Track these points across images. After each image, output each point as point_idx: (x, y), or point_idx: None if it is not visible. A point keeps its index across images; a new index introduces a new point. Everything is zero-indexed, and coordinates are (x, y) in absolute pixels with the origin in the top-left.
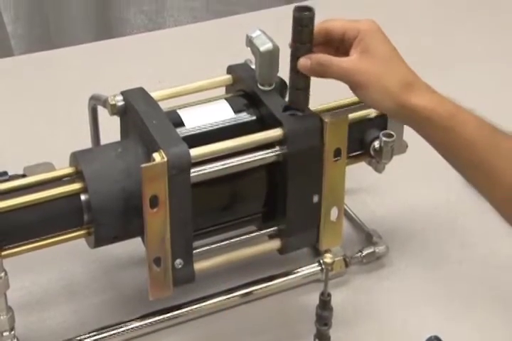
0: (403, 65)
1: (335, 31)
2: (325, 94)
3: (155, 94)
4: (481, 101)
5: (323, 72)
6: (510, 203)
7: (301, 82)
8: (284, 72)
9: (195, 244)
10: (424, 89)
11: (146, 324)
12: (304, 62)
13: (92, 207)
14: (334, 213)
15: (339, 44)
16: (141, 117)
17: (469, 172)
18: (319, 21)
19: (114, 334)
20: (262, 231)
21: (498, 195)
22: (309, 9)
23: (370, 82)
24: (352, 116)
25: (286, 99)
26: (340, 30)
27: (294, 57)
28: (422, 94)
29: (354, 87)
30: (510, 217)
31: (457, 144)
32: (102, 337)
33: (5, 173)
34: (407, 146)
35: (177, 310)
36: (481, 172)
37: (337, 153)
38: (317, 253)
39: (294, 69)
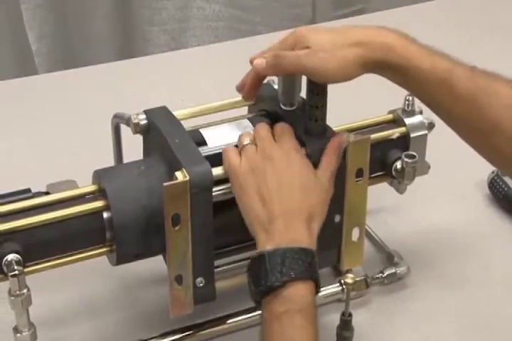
0: (354, 29)
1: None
2: (347, 114)
3: (178, 113)
4: None
5: (279, 65)
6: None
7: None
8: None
9: (217, 262)
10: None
11: None
12: (259, 61)
13: (114, 225)
14: (356, 233)
15: None
16: (164, 136)
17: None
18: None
19: None
20: None
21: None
22: None
23: (328, 59)
24: (374, 136)
25: None
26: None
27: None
28: (375, 48)
29: (313, 70)
30: None
31: (420, 87)
32: None
33: (28, 190)
34: (429, 167)
35: (198, 328)
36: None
37: (359, 173)
38: (338, 273)
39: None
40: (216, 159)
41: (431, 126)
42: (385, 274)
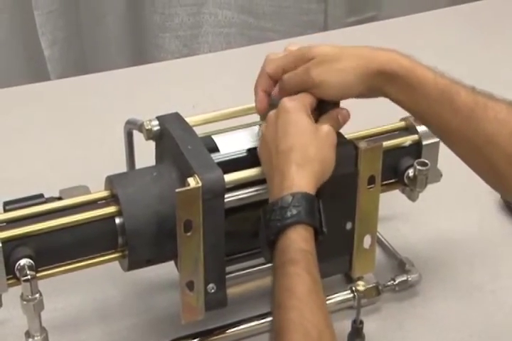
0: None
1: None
2: (360, 121)
3: (190, 120)
4: None
5: (284, 85)
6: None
7: None
8: None
9: (228, 268)
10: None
11: None
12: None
13: (126, 231)
14: (367, 240)
15: None
16: (176, 142)
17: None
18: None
19: None
20: None
21: None
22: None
23: (329, 71)
24: (386, 144)
25: None
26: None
27: None
28: (377, 59)
29: (316, 80)
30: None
31: (419, 99)
32: None
33: (41, 196)
34: (441, 175)
35: (209, 334)
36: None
37: (371, 180)
38: (349, 280)
39: None
40: (228, 165)
41: None
42: (397, 281)
